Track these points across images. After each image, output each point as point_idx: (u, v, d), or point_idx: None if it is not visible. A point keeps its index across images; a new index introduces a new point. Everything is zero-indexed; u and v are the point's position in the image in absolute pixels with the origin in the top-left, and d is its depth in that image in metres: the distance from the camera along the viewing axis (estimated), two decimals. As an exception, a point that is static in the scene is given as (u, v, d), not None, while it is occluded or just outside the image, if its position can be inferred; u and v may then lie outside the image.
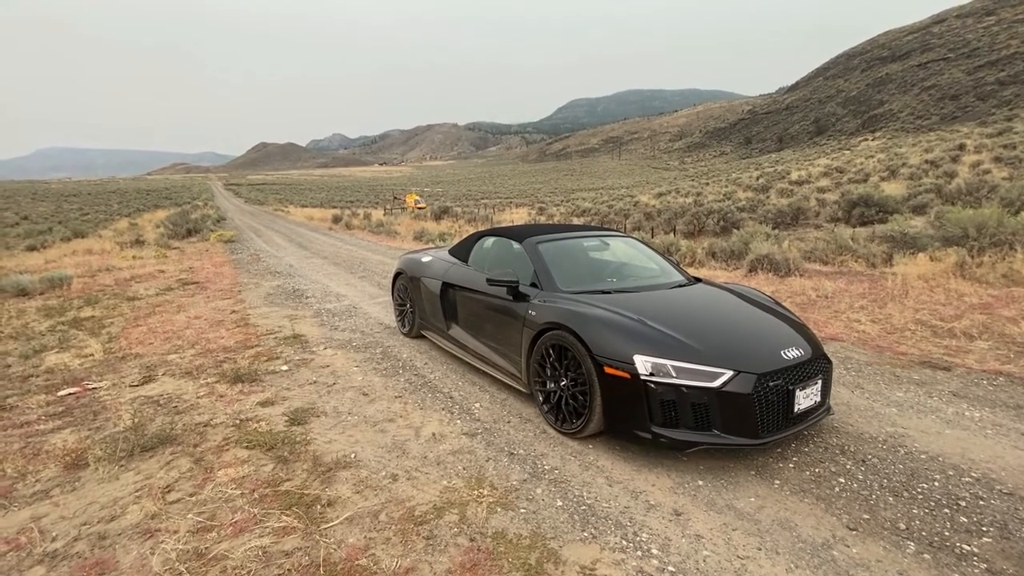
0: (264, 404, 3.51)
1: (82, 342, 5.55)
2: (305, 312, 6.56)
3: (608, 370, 2.67)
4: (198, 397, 3.69)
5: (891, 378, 3.93)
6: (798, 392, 2.65)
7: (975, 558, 1.98)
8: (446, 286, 4.41)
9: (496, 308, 3.69)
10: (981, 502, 2.32)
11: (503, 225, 7.00)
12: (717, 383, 2.53)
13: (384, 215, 32.89)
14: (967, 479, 2.50)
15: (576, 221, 26.76)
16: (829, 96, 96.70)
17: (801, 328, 3.15)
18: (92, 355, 5.01)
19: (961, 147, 29.40)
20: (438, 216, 30.69)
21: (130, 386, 4.05)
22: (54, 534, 2.18)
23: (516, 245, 3.99)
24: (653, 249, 4.39)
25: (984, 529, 2.14)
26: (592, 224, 21.65)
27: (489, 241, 4.42)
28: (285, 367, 4.32)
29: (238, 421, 3.23)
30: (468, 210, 35.52)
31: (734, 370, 2.55)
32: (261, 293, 8.01)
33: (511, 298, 3.55)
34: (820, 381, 2.82)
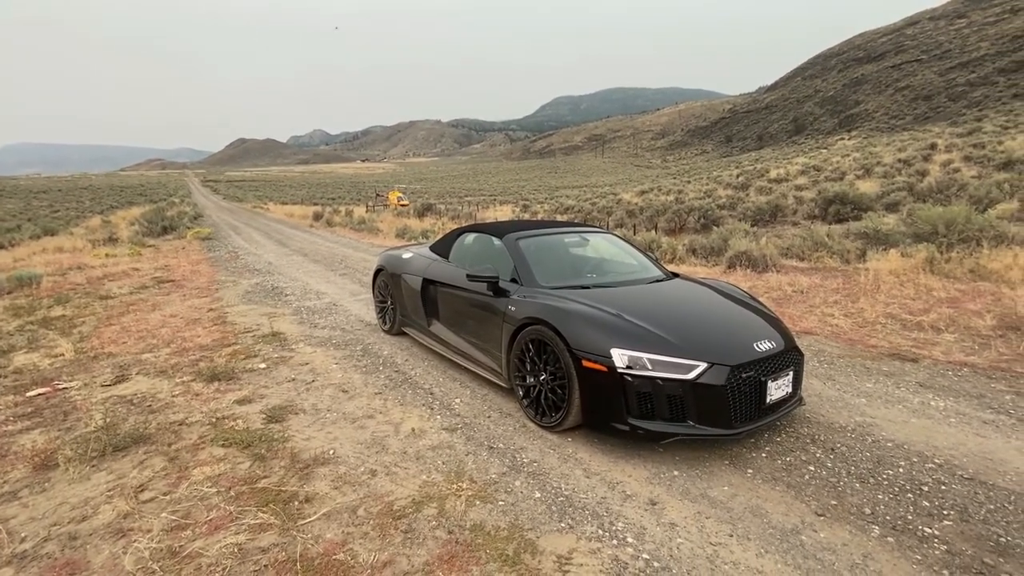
0: (241, 402, 3.47)
1: (52, 342, 5.41)
2: (284, 310, 6.48)
3: (586, 363, 2.70)
4: (173, 396, 3.63)
5: (861, 370, 4.04)
6: (770, 383, 2.72)
7: (936, 540, 2.06)
8: (427, 282, 4.40)
9: (476, 304, 3.69)
10: (943, 487, 2.41)
11: (484, 221, 7.01)
12: (691, 375, 2.58)
13: (366, 212, 32.60)
14: (930, 465, 2.60)
15: (560, 218, 26.85)
16: (807, 96, 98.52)
17: (774, 321, 3.22)
18: (62, 355, 4.89)
19: (933, 146, 30.23)
20: (421, 213, 30.51)
21: (102, 386, 3.97)
22: (23, 535, 2.14)
23: (497, 241, 4.00)
24: (633, 245, 4.44)
25: (945, 512, 2.22)
26: (575, 221, 21.74)
27: (470, 237, 4.42)
28: (263, 365, 4.27)
29: (214, 419, 3.18)
30: (452, 207, 35.38)
31: (708, 362, 2.61)
32: (239, 291, 7.89)
33: (491, 294, 3.56)
34: (792, 372, 2.89)
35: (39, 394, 3.84)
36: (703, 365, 2.59)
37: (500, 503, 2.32)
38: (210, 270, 10.05)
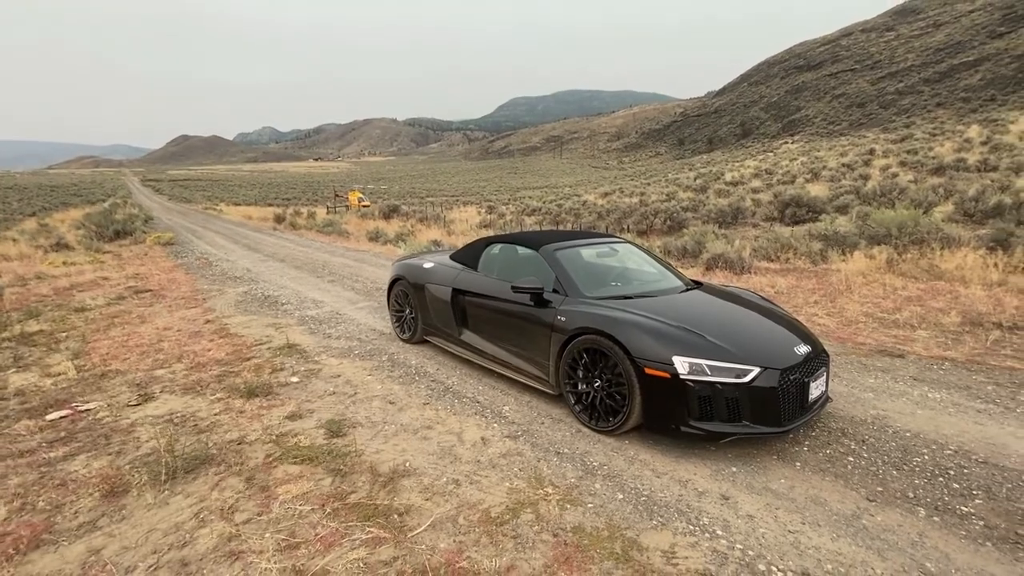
0: (292, 418, 3.46)
1: (42, 360, 5.13)
2: (288, 320, 6.37)
3: (649, 371, 2.89)
4: (215, 414, 3.57)
5: (859, 366, 4.44)
6: (811, 384, 3.01)
7: (973, 517, 2.38)
8: (456, 292, 4.49)
9: (518, 314, 3.82)
10: (965, 470, 2.75)
11: (509, 232, 7.13)
12: (747, 379, 2.83)
13: (328, 214, 31.82)
14: (948, 451, 2.95)
15: (527, 220, 27.10)
16: (753, 101, 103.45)
17: (799, 325, 3.53)
18: (64, 374, 4.66)
19: (871, 152, 32.54)
20: (387, 215, 30.03)
21: (128, 406, 3.84)
22: (127, 565, 2.11)
23: (529, 251, 4.15)
24: (649, 253, 4.69)
25: (974, 492, 2.55)
26: (586, 230, 22.24)
27: (497, 248, 4.54)
28: (295, 378, 4.23)
29: (274, 436, 3.17)
30: (416, 209, 35.00)
31: (761, 367, 2.86)
32: (229, 300, 7.65)
33: (533, 304, 3.70)
34: (824, 373, 3.20)
35: (61, 417, 3.68)
36: (757, 369, 2.84)
37: (589, 505, 2.48)
38: (187, 278, 9.66)
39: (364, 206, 40.60)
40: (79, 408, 3.83)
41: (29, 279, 9.73)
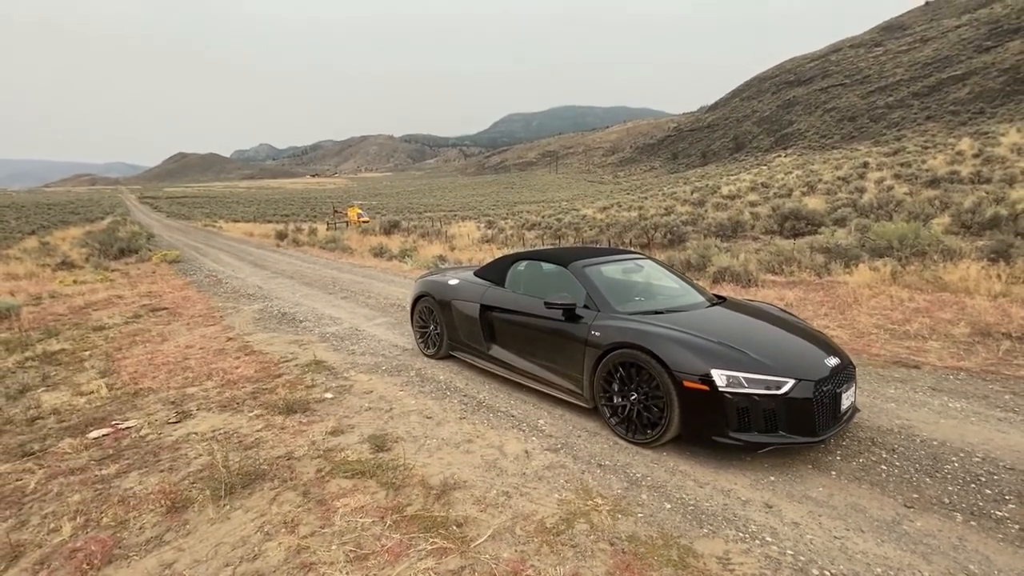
0: (334, 433, 3.54)
1: (70, 378, 5.20)
2: (309, 337, 6.45)
3: (688, 384, 3.00)
4: (257, 430, 3.64)
5: (878, 377, 4.56)
6: (843, 394, 3.12)
7: (1008, 521, 2.48)
8: (485, 308, 4.59)
9: (550, 329, 3.93)
10: (995, 477, 2.86)
11: (533, 249, 7.28)
12: (783, 390, 2.94)
13: (327, 230, 31.99)
14: (976, 459, 3.06)
15: (528, 235, 27.36)
16: (745, 116, 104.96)
17: (824, 337, 3.66)
18: (95, 392, 4.72)
19: (865, 165, 33.07)
20: (388, 230, 30.19)
21: (168, 423, 3.91)
22: (208, 578, 2.18)
23: (556, 268, 4.27)
24: (670, 269, 4.82)
25: (1007, 498, 2.66)
26: (605, 246, 22.43)
27: (523, 265, 4.67)
28: (329, 395, 4.31)
29: (321, 451, 3.25)
30: (416, 224, 35.22)
31: (796, 379, 2.98)
32: (246, 318, 7.73)
33: (564, 319, 3.81)
34: (853, 384, 3.31)
35: (104, 435, 3.74)
36: (792, 381, 2.96)
37: (639, 515, 2.56)
38: (200, 296, 9.73)
39: (364, 222, 40.80)
40: (120, 426, 3.90)
41: (43, 298, 9.78)
